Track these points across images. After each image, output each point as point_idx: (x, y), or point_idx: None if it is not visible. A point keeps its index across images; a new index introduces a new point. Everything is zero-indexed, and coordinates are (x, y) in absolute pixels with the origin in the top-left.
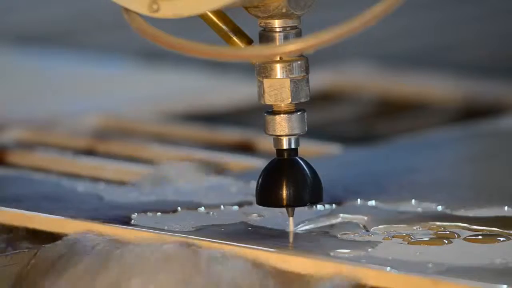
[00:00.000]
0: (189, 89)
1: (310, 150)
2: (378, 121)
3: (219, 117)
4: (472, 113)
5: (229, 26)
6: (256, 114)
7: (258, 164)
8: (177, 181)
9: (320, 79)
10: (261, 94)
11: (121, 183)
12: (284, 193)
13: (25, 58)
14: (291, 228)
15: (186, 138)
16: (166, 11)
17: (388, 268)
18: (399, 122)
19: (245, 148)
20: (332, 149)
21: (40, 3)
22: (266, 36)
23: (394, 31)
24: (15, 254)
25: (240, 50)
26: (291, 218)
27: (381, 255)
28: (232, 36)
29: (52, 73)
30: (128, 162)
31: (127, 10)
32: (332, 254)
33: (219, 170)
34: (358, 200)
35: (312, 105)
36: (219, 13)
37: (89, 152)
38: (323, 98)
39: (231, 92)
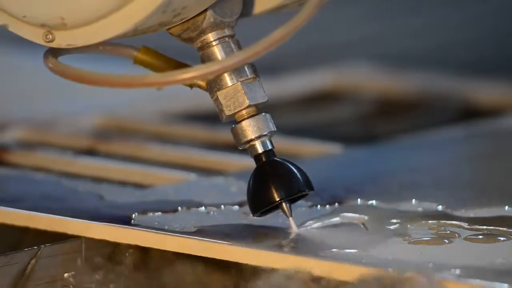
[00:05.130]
0: (189, 89)
1: (310, 150)
2: (379, 121)
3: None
4: (472, 113)
5: (161, 59)
6: None
7: None
8: None
9: (320, 79)
10: (220, 109)
11: (122, 183)
12: (274, 190)
13: (25, 58)
14: (291, 228)
15: (186, 138)
16: (61, 41)
17: (388, 268)
18: (399, 122)
19: (245, 148)
20: (332, 149)
21: None
22: (206, 54)
23: (395, 31)
24: (15, 254)
25: (144, 78)
26: (291, 218)
27: (381, 255)
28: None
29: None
30: (128, 162)
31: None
32: (332, 253)
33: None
34: (358, 200)
35: (312, 105)
36: (149, 51)
37: (90, 152)
38: (323, 98)
39: None
